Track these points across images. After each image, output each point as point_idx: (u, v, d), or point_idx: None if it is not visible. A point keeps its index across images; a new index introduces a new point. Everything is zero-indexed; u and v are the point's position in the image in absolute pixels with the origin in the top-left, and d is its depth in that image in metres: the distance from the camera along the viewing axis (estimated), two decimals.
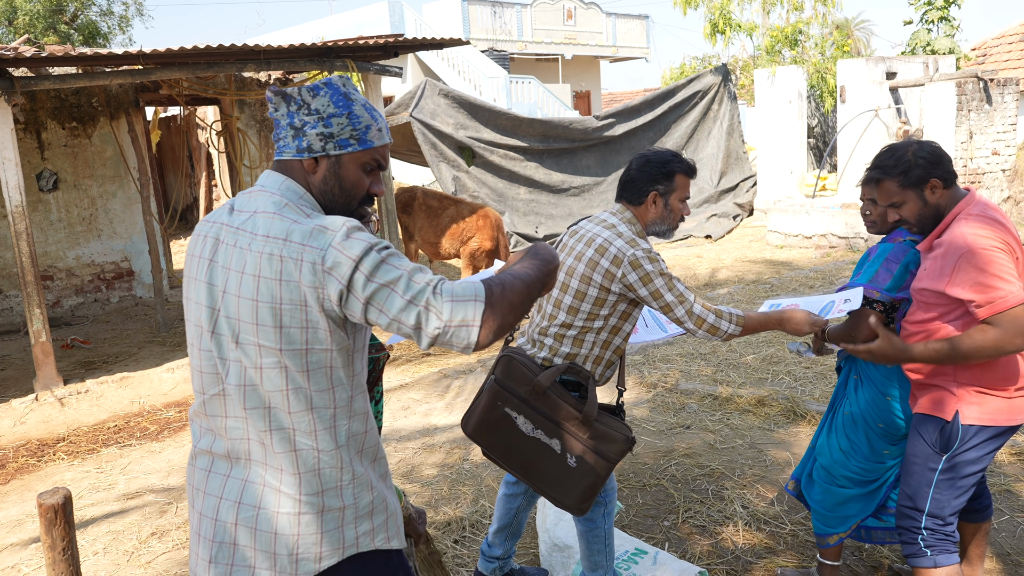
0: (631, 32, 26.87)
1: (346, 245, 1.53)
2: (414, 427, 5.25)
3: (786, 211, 12.45)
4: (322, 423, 1.63)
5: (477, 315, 1.50)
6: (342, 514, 1.67)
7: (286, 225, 1.58)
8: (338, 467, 1.66)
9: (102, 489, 4.74)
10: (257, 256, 1.58)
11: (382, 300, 1.52)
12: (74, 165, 9.55)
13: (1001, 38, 18.67)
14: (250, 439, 1.65)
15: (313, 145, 1.67)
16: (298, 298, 1.56)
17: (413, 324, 1.52)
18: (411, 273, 1.54)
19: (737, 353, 6.37)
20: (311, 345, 1.59)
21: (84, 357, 7.94)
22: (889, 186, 2.53)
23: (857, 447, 2.85)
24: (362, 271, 1.52)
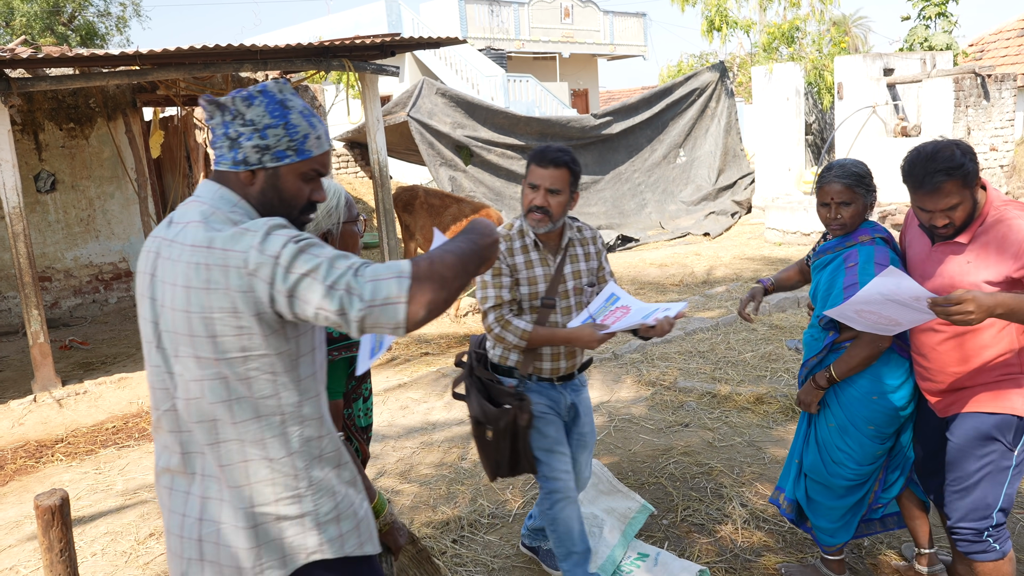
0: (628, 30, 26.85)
1: (265, 245, 1.50)
2: (412, 426, 5.25)
3: (784, 208, 12.45)
4: (271, 431, 1.61)
5: (402, 291, 1.44)
6: (301, 522, 1.64)
7: (210, 234, 1.55)
8: (292, 474, 1.63)
9: (100, 490, 4.74)
10: (185, 267, 1.56)
11: (304, 290, 1.48)
12: (72, 166, 9.54)
13: (999, 34, 18.67)
14: (203, 453, 1.63)
15: (249, 158, 1.63)
16: (228, 305, 1.52)
17: (336, 310, 1.46)
18: (332, 259, 1.49)
19: (736, 351, 6.37)
20: (248, 352, 1.55)
21: (82, 358, 7.93)
22: (951, 188, 2.38)
23: (850, 455, 2.83)
24: (281, 265, 1.48)
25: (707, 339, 6.79)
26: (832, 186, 2.79)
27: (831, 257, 2.87)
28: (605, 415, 5.10)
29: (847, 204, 2.78)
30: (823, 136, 17.17)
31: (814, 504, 2.97)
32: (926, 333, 2.60)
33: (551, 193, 2.79)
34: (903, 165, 2.50)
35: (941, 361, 2.57)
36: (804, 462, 2.98)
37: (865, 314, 2.39)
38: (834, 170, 2.82)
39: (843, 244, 2.84)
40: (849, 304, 2.38)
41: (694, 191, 15.50)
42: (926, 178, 2.40)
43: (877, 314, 2.37)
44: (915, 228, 2.71)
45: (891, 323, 2.40)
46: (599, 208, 14.54)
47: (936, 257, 2.56)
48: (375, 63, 8.55)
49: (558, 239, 2.97)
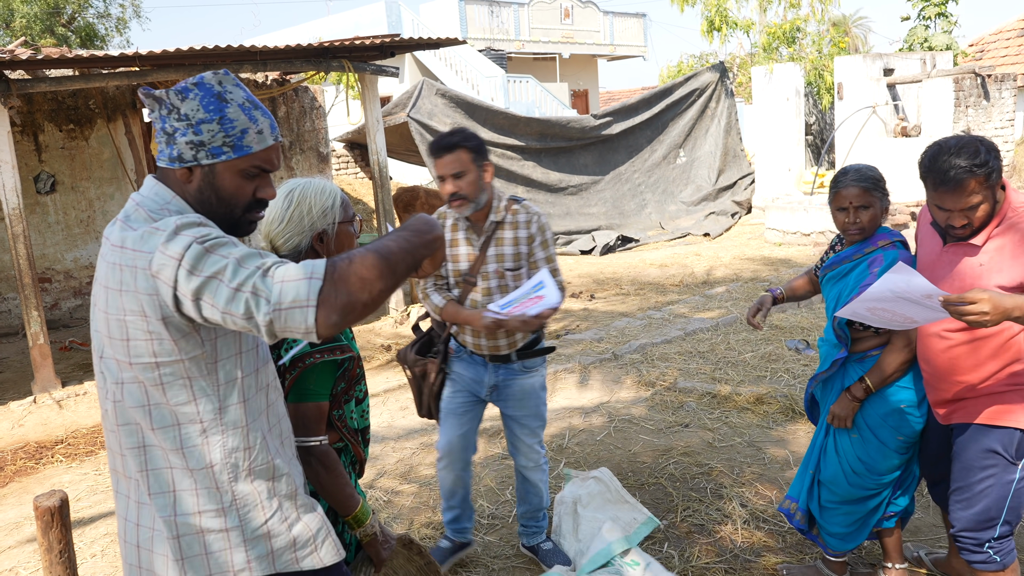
0: (628, 30, 26.86)
1: (170, 245, 1.41)
2: (412, 427, 5.25)
3: (784, 208, 12.45)
4: (189, 440, 1.53)
5: (312, 294, 1.33)
6: (226, 536, 1.56)
7: (124, 233, 1.50)
8: (214, 487, 1.54)
9: (100, 491, 4.73)
10: (106, 266, 1.52)
11: (210, 293, 1.38)
12: (71, 167, 9.54)
13: (999, 34, 18.67)
14: (125, 457, 1.58)
15: (184, 154, 1.54)
16: (137, 308, 1.46)
17: (243, 313, 1.35)
18: (240, 259, 1.39)
19: (736, 351, 6.37)
20: (159, 357, 1.48)
21: (82, 359, 7.93)
22: (974, 186, 2.26)
23: (872, 466, 2.80)
24: (184, 267, 1.39)
25: (707, 339, 6.78)
26: (850, 190, 2.73)
27: (850, 266, 2.80)
28: (605, 416, 5.10)
29: (866, 208, 2.73)
30: (823, 136, 17.17)
31: (827, 511, 2.93)
32: (932, 339, 2.53)
33: (456, 177, 2.92)
34: (923, 160, 2.37)
35: (947, 368, 2.50)
36: (822, 473, 2.92)
37: (879, 312, 2.31)
38: (850, 174, 2.76)
39: (861, 251, 2.78)
40: (860, 302, 2.31)
41: (694, 191, 15.50)
42: (948, 174, 2.27)
43: (892, 312, 2.28)
44: (927, 226, 2.61)
45: (907, 321, 2.32)
46: (599, 208, 14.54)
47: (948, 258, 2.46)
48: (375, 64, 8.55)
49: (483, 219, 3.06)
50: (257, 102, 1.61)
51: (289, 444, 1.74)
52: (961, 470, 2.54)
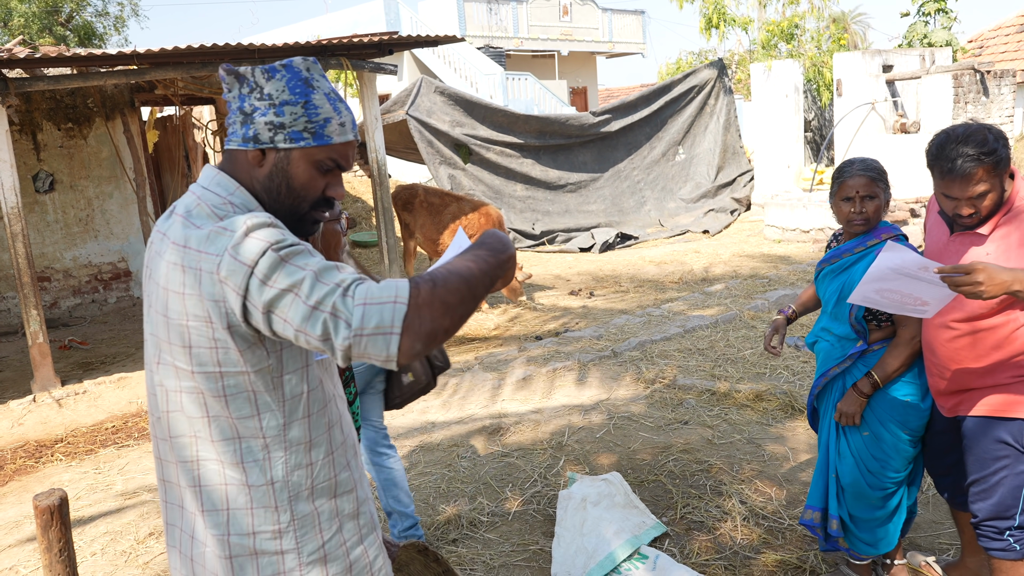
0: (627, 27, 26.84)
1: (241, 249, 1.32)
2: (411, 425, 5.25)
3: (783, 205, 12.45)
4: (251, 455, 1.44)
5: (397, 320, 1.24)
6: (281, 560, 1.47)
7: (187, 231, 1.40)
8: (272, 506, 1.45)
9: (100, 490, 4.74)
10: (166, 266, 1.41)
11: (284, 308, 1.29)
12: (70, 166, 9.53)
13: (998, 30, 18.66)
14: (178, 469, 1.49)
15: (260, 135, 1.45)
16: (202, 313, 1.36)
17: (320, 335, 1.27)
18: (319, 273, 1.30)
19: (735, 348, 6.37)
20: (224, 367, 1.39)
21: (82, 358, 7.93)
22: (981, 174, 2.25)
23: (886, 463, 2.79)
24: (257, 275, 1.30)
25: (706, 336, 6.78)
26: (856, 179, 2.73)
27: (853, 259, 2.79)
28: (604, 413, 5.10)
29: (871, 198, 2.72)
30: (822, 133, 17.16)
31: (858, 520, 2.89)
32: (938, 329, 2.52)
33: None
34: (930, 148, 2.34)
35: (952, 359, 2.50)
36: (842, 477, 2.88)
37: (887, 294, 2.28)
38: (856, 164, 2.77)
39: (863, 244, 2.77)
40: (866, 285, 2.28)
41: (693, 188, 15.50)
42: (956, 163, 2.25)
43: (900, 292, 2.26)
44: (934, 215, 2.59)
45: (918, 303, 2.29)
46: (598, 206, 14.54)
47: (954, 248, 2.45)
48: (373, 62, 8.55)
49: None
50: (341, 97, 1.54)
51: (356, 455, 1.65)
52: (975, 462, 2.54)
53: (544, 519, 3.77)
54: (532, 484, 4.14)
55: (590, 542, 3.34)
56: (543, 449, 4.59)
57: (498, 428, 4.99)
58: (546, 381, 5.92)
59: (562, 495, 3.68)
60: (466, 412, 5.41)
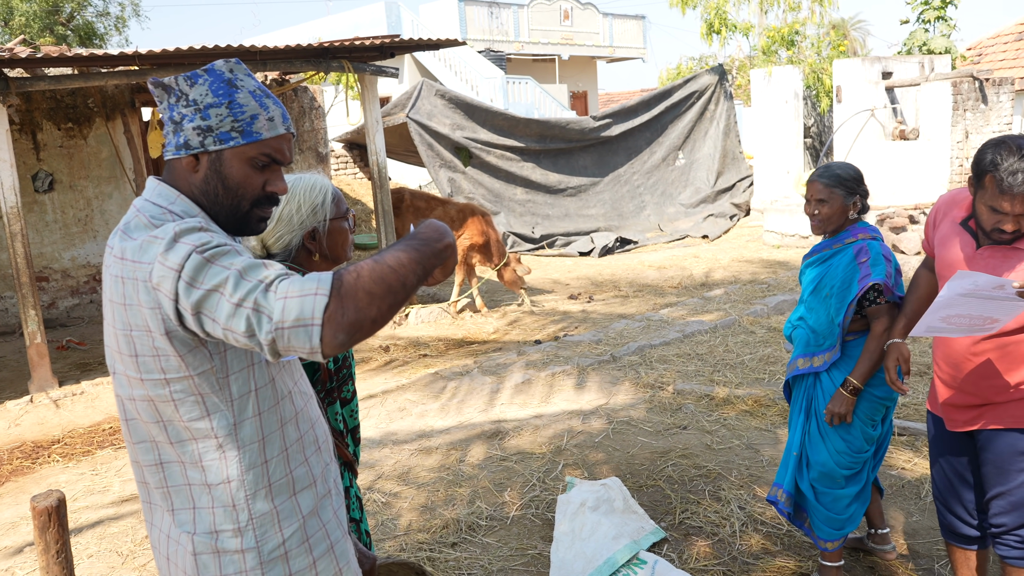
0: (628, 32, 26.88)
1: (169, 255, 1.34)
2: (409, 429, 5.24)
3: (783, 211, 12.46)
4: (207, 455, 1.47)
5: (317, 311, 1.25)
6: (242, 558, 1.50)
7: (124, 243, 1.43)
8: (231, 504, 1.49)
9: (97, 492, 4.72)
10: (111, 280, 1.45)
11: (212, 307, 1.30)
12: (70, 166, 9.53)
13: (997, 37, 18.70)
14: (146, 472, 1.54)
15: (191, 141, 1.47)
16: (141, 323, 1.40)
17: (244, 331, 1.28)
18: (243, 271, 1.30)
19: (734, 353, 6.37)
20: (167, 374, 1.42)
21: (79, 358, 7.91)
22: None
23: (852, 443, 2.96)
24: (184, 278, 1.31)
25: (705, 341, 6.78)
26: (813, 184, 2.96)
27: (830, 253, 3.00)
28: (603, 418, 5.10)
29: (823, 202, 2.93)
30: (821, 139, 17.19)
31: (823, 496, 3.03)
32: (966, 345, 2.48)
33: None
34: (985, 158, 2.29)
35: (979, 372, 2.46)
36: (811, 458, 3.05)
37: (954, 319, 2.27)
38: (819, 170, 2.98)
39: (841, 241, 2.96)
40: (932, 314, 2.25)
41: (693, 193, 15.52)
42: (1016, 181, 2.20)
43: (968, 316, 2.24)
44: (951, 225, 2.54)
45: (988, 322, 2.27)
46: (598, 210, 14.55)
47: (984, 260, 2.40)
48: (374, 64, 8.55)
49: None
50: (269, 92, 1.55)
51: (325, 449, 1.66)
52: (997, 475, 2.50)
53: (543, 524, 3.76)
54: (531, 488, 4.13)
55: (589, 547, 3.34)
56: (542, 454, 4.58)
57: (497, 432, 4.98)
58: (545, 385, 5.91)
59: (561, 500, 3.68)
60: (465, 416, 5.41)
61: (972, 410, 2.52)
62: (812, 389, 3.07)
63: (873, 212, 11.38)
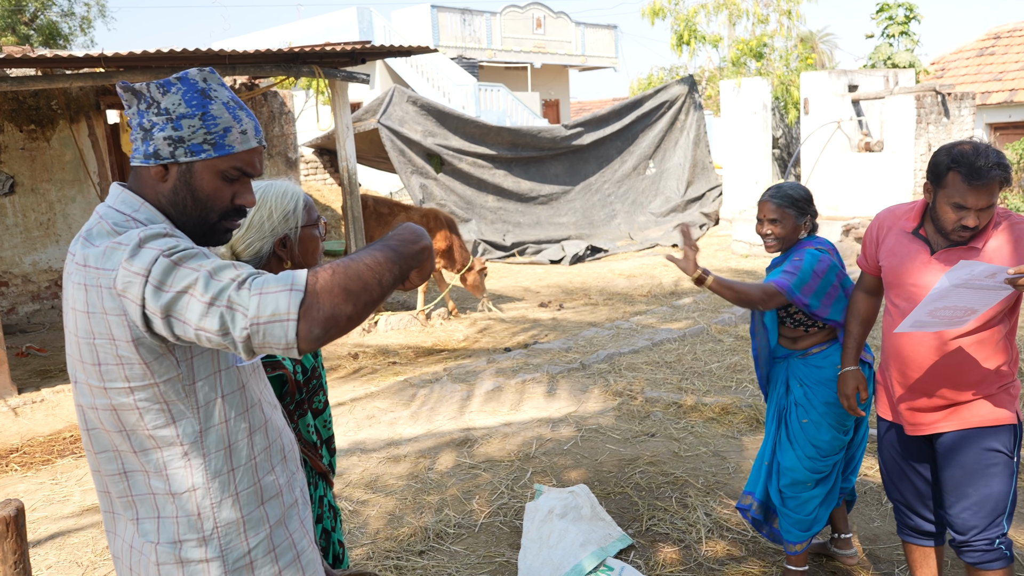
0: (600, 41, 27.07)
1: (134, 261, 1.32)
2: (378, 437, 5.21)
3: (751, 221, 12.58)
4: (172, 462, 1.45)
5: (293, 306, 1.24)
6: (206, 567, 1.48)
7: (87, 250, 1.40)
8: (196, 513, 1.46)
9: (57, 501, 4.63)
10: (72, 287, 1.42)
11: (182, 309, 1.29)
12: (32, 168, 9.35)
13: (959, 53, 19.15)
14: (108, 481, 1.51)
15: (161, 150, 1.45)
16: (105, 331, 1.38)
17: (218, 329, 1.27)
18: (213, 271, 1.30)
19: (702, 362, 6.42)
20: (132, 382, 1.40)
21: (40, 365, 7.75)
22: (996, 187, 2.29)
23: (821, 448, 3.02)
24: (152, 282, 1.30)
25: (674, 349, 6.83)
26: (765, 205, 3.01)
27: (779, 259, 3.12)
28: (572, 425, 5.11)
29: (775, 221, 3.00)
30: (789, 150, 17.44)
31: (789, 499, 3.08)
32: (918, 347, 2.49)
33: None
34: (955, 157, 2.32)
35: (940, 373, 2.47)
36: (781, 463, 3.10)
37: (940, 312, 2.28)
38: (770, 190, 3.03)
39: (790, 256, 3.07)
40: (922, 308, 2.27)
41: (663, 202, 15.65)
42: (982, 171, 2.26)
43: (953, 307, 2.26)
44: (899, 236, 2.56)
45: (967, 313, 2.30)
46: (569, 218, 14.61)
47: (942, 265, 2.42)
48: (345, 70, 8.51)
49: None
50: (242, 103, 1.53)
51: (292, 459, 1.65)
52: (963, 477, 2.50)
53: (511, 531, 3.76)
54: (499, 496, 4.12)
55: (556, 554, 3.34)
56: (511, 461, 4.58)
57: (466, 440, 4.97)
58: (515, 393, 5.91)
59: (529, 507, 3.68)
60: (434, 424, 5.39)
61: (935, 412, 2.53)
62: (784, 399, 3.14)
63: (839, 223, 11.57)
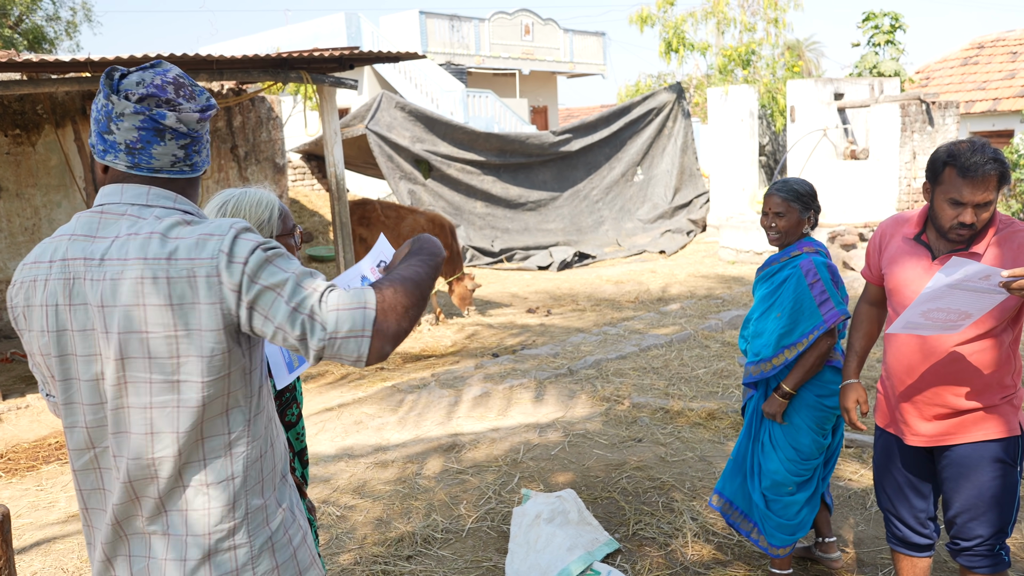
0: (588, 48, 27.17)
1: (235, 250, 1.40)
2: (366, 442, 5.21)
3: (738, 227, 12.68)
4: (213, 453, 1.46)
5: (367, 324, 1.37)
6: (234, 556, 1.49)
7: (167, 244, 1.42)
8: (229, 503, 1.48)
9: (42, 507, 4.60)
10: (134, 283, 1.40)
11: (267, 305, 1.39)
12: (17, 173, 9.29)
13: (943, 62, 19.35)
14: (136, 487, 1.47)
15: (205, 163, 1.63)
16: (194, 321, 1.40)
17: (298, 335, 1.38)
18: (299, 277, 1.40)
19: (689, 367, 6.46)
20: (206, 376, 1.42)
21: (24, 371, 7.70)
22: (993, 182, 2.29)
23: (802, 452, 3.06)
24: (248, 272, 1.39)
25: (661, 355, 6.86)
26: (771, 198, 3.07)
27: (779, 267, 3.12)
28: (560, 431, 5.12)
29: (780, 215, 3.05)
30: (776, 158, 17.56)
31: (774, 504, 3.11)
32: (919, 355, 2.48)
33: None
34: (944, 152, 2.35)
35: (939, 383, 2.47)
36: (764, 467, 3.14)
37: (933, 314, 2.26)
38: (777, 184, 3.10)
39: (788, 255, 3.09)
40: (915, 307, 2.24)
41: (651, 209, 15.71)
42: (977, 164, 2.27)
43: (947, 310, 2.24)
44: (902, 243, 2.56)
45: (962, 316, 2.27)
46: (557, 224, 14.65)
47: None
48: (334, 76, 8.52)
49: None
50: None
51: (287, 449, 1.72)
52: (969, 490, 2.49)
53: (498, 536, 3.77)
54: (487, 501, 4.13)
55: (543, 558, 3.35)
56: (498, 466, 4.59)
57: (454, 445, 4.98)
58: (503, 399, 5.93)
59: (516, 512, 3.69)
60: (422, 429, 5.39)
61: (936, 422, 2.51)
62: (763, 401, 3.18)
63: (824, 229, 11.65)
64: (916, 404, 2.53)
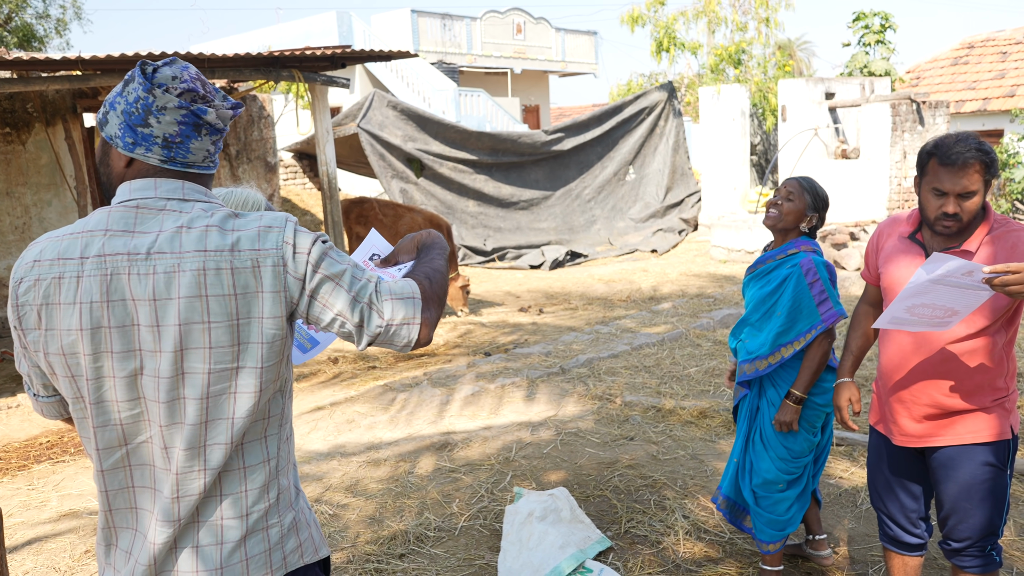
0: (580, 48, 27.19)
1: (298, 240, 1.48)
2: (358, 441, 5.21)
3: (729, 226, 12.72)
4: (250, 435, 1.51)
5: (417, 312, 1.50)
6: (266, 536, 1.54)
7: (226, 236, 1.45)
8: (264, 485, 1.53)
9: (34, 506, 4.58)
10: (195, 275, 1.42)
11: (327, 294, 1.48)
12: (6, 172, 9.25)
13: (934, 62, 19.45)
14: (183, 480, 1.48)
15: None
16: (256, 310, 1.45)
17: (357, 322, 1.48)
18: (353, 268, 1.51)
19: (680, 366, 6.48)
20: (264, 362, 1.47)
21: (15, 370, 7.67)
22: (977, 170, 2.31)
23: (792, 449, 3.09)
24: (311, 262, 1.47)
25: (653, 354, 6.89)
26: (789, 182, 3.16)
27: (775, 265, 3.11)
28: (552, 429, 5.14)
29: (790, 199, 3.09)
30: (767, 157, 17.62)
31: (764, 501, 3.14)
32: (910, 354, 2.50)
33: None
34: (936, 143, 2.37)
35: (929, 382, 2.47)
36: (755, 465, 3.16)
37: (918, 310, 2.25)
38: (798, 176, 3.18)
39: (785, 252, 3.09)
40: (899, 303, 2.24)
41: (642, 208, 15.75)
42: (958, 153, 2.30)
43: (932, 306, 2.23)
44: (898, 241, 2.57)
45: (948, 313, 2.26)
46: (549, 224, 14.66)
47: None
48: (325, 74, 8.52)
49: None
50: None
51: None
52: (959, 492, 2.50)
53: (491, 534, 3.78)
54: (479, 499, 4.14)
55: (536, 556, 3.37)
56: (490, 465, 4.60)
57: (446, 444, 4.99)
58: (495, 397, 5.94)
59: (509, 510, 3.70)
60: (414, 428, 5.40)
61: (926, 423, 2.51)
62: (756, 400, 3.19)
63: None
64: (906, 403, 2.54)
